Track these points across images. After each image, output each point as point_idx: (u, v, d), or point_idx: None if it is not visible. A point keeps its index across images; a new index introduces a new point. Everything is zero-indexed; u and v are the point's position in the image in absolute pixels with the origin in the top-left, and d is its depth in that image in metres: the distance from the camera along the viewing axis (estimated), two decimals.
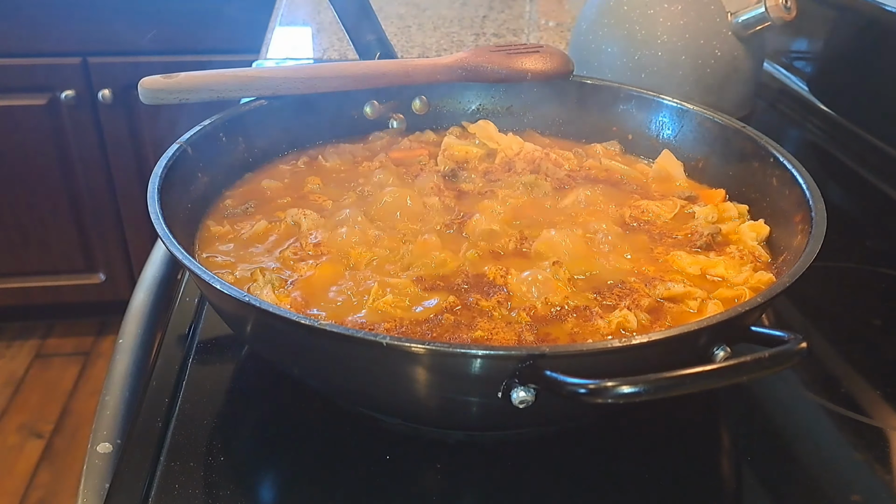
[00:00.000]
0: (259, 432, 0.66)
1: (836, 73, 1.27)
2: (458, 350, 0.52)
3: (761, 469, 0.64)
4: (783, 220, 0.76)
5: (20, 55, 2.01)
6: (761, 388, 0.73)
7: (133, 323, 0.85)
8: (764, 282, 0.69)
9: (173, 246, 0.61)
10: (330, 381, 0.64)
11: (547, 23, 1.65)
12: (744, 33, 1.09)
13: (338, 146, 0.92)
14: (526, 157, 0.90)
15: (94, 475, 0.66)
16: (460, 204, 0.82)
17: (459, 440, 0.65)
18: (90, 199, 2.21)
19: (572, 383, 0.49)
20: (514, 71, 0.93)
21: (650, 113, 0.94)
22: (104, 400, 0.74)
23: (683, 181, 0.89)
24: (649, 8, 1.10)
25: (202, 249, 0.74)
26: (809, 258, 0.62)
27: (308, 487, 0.61)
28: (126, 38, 2.02)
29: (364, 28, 0.95)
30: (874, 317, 0.85)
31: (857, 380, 0.76)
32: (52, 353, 2.42)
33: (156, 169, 0.71)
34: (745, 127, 0.85)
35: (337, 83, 0.87)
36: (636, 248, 0.76)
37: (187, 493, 0.59)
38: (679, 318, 0.66)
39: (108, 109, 2.08)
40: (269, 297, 0.66)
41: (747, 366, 0.51)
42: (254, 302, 0.55)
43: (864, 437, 0.68)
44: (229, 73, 0.82)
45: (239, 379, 0.71)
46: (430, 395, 0.58)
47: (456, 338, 0.62)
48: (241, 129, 0.85)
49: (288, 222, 0.77)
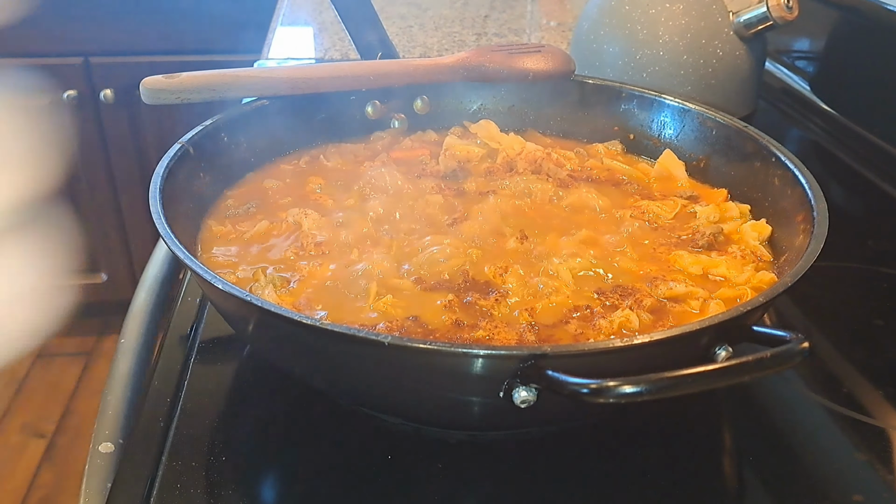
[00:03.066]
0: (260, 432, 0.66)
1: (839, 73, 1.27)
2: (460, 350, 0.52)
3: (763, 469, 0.64)
4: (785, 220, 0.75)
5: (21, 55, 2.02)
6: (763, 388, 0.73)
7: (135, 323, 0.85)
8: (766, 281, 0.69)
9: (175, 246, 0.61)
10: (331, 381, 0.64)
11: (548, 23, 1.64)
12: (745, 33, 1.09)
13: (339, 146, 0.92)
14: (527, 156, 0.89)
15: (96, 475, 0.66)
16: (461, 204, 0.82)
17: (461, 440, 0.65)
18: (92, 198, 2.21)
19: (574, 383, 0.49)
20: (516, 71, 0.93)
21: (652, 113, 0.93)
22: (106, 400, 0.75)
23: (685, 181, 0.88)
24: (651, 8, 1.10)
25: (204, 249, 0.74)
26: (811, 258, 0.62)
27: (309, 487, 0.61)
28: (128, 39, 2.02)
29: (366, 28, 0.96)
30: (876, 316, 0.85)
31: (859, 380, 0.76)
32: (54, 353, 2.42)
33: (157, 169, 0.71)
34: (747, 127, 0.85)
35: (338, 83, 0.87)
36: (638, 247, 0.76)
37: (189, 493, 0.59)
38: (681, 317, 0.66)
39: (110, 109, 2.08)
40: (271, 296, 0.66)
41: (749, 366, 0.51)
42: (255, 301, 0.55)
43: (865, 437, 0.68)
44: (231, 73, 0.82)
45: (240, 379, 0.71)
46: (431, 395, 0.58)
47: (457, 337, 0.62)
48: (243, 129, 0.85)
49: (289, 222, 0.77)
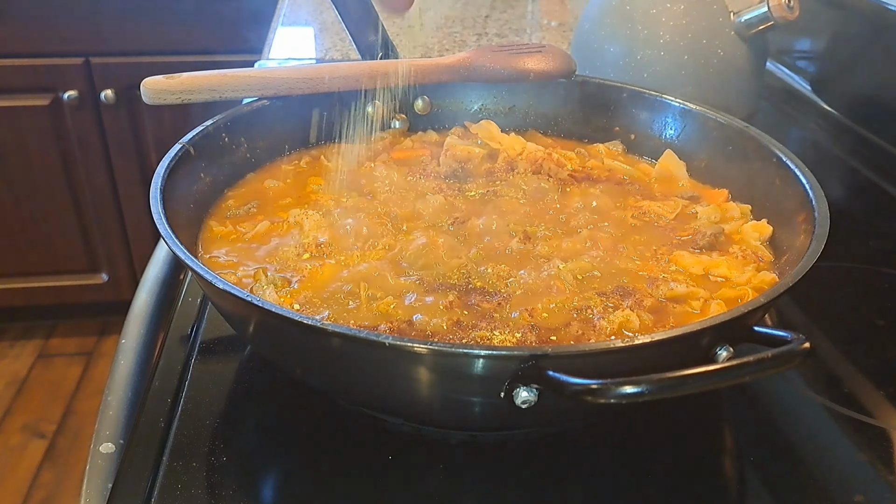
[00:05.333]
0: (261, 432, 0.66)
1: (840, 73, 1.27)
2: (461, 350, 0.52)
3: (764, 469, 0.64)
4: (786, 220, 0.75)
5: (22, 55, 2.02)
6: (764, 388, 0.73)
7: (136, 323, 0.85)
8: (767, 282, 0.69)
9: (176, 246, 0.61)
10: (332, 382, 0.64)
11: (549, 23, 1.64)
12: (746, 33, 1.09)
13: (340, 146, 0.92)
14: (528, 157, 0.89)
15: (97, 475, 0.66)
16: (462, 204, 0.82)
17: (462, 440, 0.65)
18: (93, 199, 2.21)
19: (575, 383, 0.48)
20: (517, 71, 0.93)
21: (653, 113, 0.93)
22: (107, 400, 0.75)
23: (686, 181, 0.88)
24: (652, 8, 1.10)
25: (205, 250, 0.74)
26: (812, 258, 0.62)
27: (310, 487, 0.61)
28: (129, 39, 2.03)
29: (366, 28, 0.95)
30: (877, 317, 0.85)
31: (860, 380, 0.76)
32: (55, 354, 2.43)
33: (158, 169, 0.71)
34: (748, 127, 0.85)
35: (339, 83, 0.87)
36: (639, 248, 0.76)
37: (190, 493, 0.59)
38: (682, 318, 0.66)
39: (111, 110, 2.09)
40: (272, 297, 0.66)
41: (750, 366, 0.51)
42: (256, 302, 0.55)
43: (867, 437, 0.68)
44: (231, 74, 0.82)
45: (241, 379, 0.71)
46: (432, 396, 0.58)
47: (458, 338, 0.62)
48: (244, 130, 0.85)
49: (290, 222, 0.77)
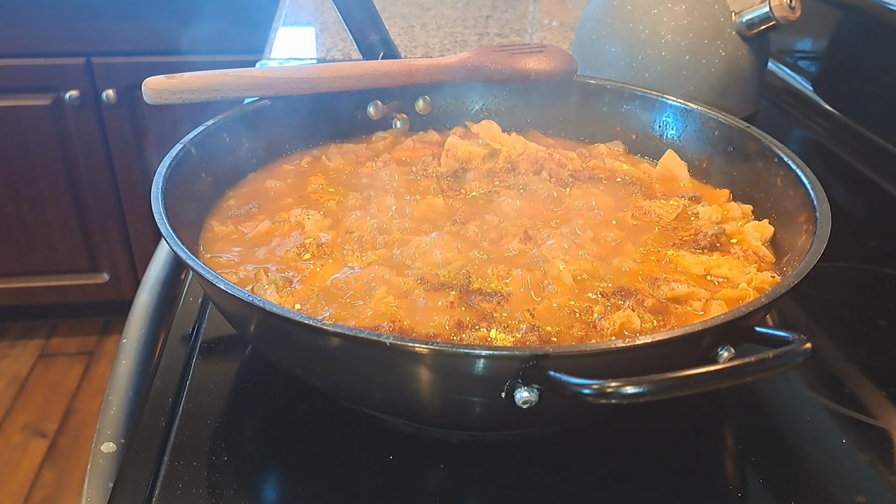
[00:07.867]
0: (262, 432, 0.66)
1: (841, 73, 1.27)
2: (462, 350, 0.52)
3: (765, 470, 0.64)
4: (787, 221, 0.75)
5: (24, 55, 2.02)
6: (765, 388, 0.73)
7: (137, 323, 0.85)
8: (768, 282, 0.69)
9: (177, 246, 0.61)
10: (333, 382, 0.64)
11: (550, 23, 1.64)
12: (748, 33, 1.09)
13: (341, 146, 0.92)
14: (529, 157, 0.89)
15: (98, 474, 0.66)
16: (463, 204, 0.82)
17: (462, 440, 0.65)
18: (94, 199, 2.21)
19: (576, 384, 0.48)
20: (518, 71, 0.93)
21: (654, 113, 0.93)
22: (108, 399, 0.75)
23: (687, 181, 0.88)
24: (653, 8, 1.10)
25: (206, 249, 0.74)
26: (814, 258, 0.62)
27: (311, 487, 0.61)
28: (130, 39, 2.03)
29: (367, 28, 0.95)
30: (879, 317, 0.85)
31: (862, 380, 0.76)
32: (56, 353, 2.43)
33: (159, 169, 0.71)
34: (750, 127, 0.84)
35: (340, 83, 0.87)
36: (640, 248, 0.76)
37: (191, 493, 0.59)
38: (683, 318, 0.66)
39: (112, 109, 2.09)
40: (273, 297, 0.66)
41: (751, 366, 0.51)
42: (257, 302, 0.55)
43: (868, 437, 0.68)
44: (232, 74, 0.82)
45: (242, 379, 0.71)
46: (433, 396, 0.58)
47: (459, 338, 0.62)
48: (245, 129, 0.85)
49: (291, 222, 0.77)
